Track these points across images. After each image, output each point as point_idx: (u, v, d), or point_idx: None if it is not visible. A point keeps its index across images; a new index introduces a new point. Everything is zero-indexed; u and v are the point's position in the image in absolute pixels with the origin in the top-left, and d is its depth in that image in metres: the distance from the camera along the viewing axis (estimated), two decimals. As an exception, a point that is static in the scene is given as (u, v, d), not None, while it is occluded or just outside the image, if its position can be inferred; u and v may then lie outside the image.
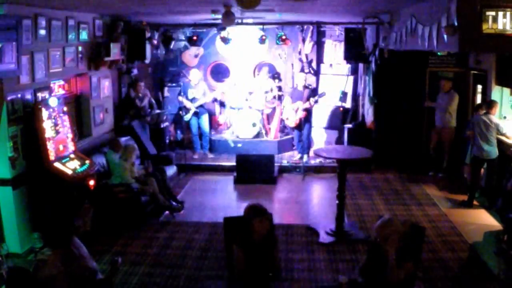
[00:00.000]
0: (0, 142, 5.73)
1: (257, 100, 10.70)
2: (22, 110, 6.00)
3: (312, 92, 10.00)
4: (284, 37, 10.50)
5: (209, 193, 8.82)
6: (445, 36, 5.08)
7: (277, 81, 11.16)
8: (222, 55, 11.51)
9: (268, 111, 10.89)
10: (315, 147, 9.85)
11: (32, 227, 6.14)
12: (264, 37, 10.35)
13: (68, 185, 6.16)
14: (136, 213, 7.09)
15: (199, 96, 10.23)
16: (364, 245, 6.06)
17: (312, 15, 9.14)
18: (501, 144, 7.53)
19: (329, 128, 10.70)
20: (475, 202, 7.79)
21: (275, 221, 5.18)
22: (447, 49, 6.37)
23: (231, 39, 10.26)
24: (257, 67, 11.62)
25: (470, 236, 6.51)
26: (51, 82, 6.87)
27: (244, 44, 11.11)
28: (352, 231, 6.76)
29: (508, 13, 4.62)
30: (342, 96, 10.80)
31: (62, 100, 6.67)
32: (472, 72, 9.08)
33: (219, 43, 11.01)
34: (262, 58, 11.51)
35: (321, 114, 10.69)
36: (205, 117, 10.42)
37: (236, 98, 10.83)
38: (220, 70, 11.85)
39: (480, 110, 7.72)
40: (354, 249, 6.29)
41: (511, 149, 7.34)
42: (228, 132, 10.89)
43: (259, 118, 10.61)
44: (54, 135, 6.25)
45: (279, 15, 8.87)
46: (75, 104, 7.94)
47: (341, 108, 10.70)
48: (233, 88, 11.02)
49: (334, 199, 6.82)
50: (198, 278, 5.65)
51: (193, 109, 10.19)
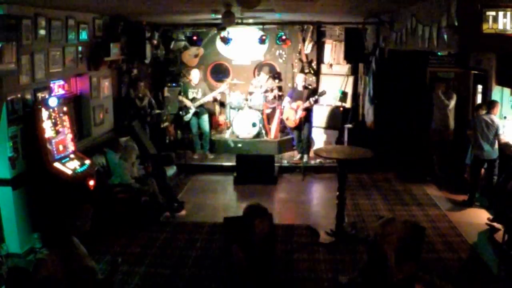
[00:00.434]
0: (0, 142, 5.72)
1: (257, 100, 10.71)
2: (22, 110, 5.98)
3: (312, 92, 10.00)
4: (284, 37, 10.51)
5: (209, 193, 8.80)
6: (445, 36, 5.09)
7: (277, 81, 11.17)
8: (222, 55, 11.52)
9: (268, 111, 10.89)
10: (315, 147, 9.85)
11: (32, 227, 6.13)
12: (264, 37, 10.36)
13: (68, 185, 6.15)
14: (136, 213, 7.09)
15: (199, 96, 10.24)
16: (364, 245, 6.05)
17: (312, 15, 9.14)
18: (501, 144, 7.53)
19: (329, 128, 10.69)
20: (475, 202, 7.79)
21: (275, 221, 5.18)
22: (447, 49, 6.37)
23: (231, 39, 10.26)
24: (257, 67, 11.63)
25: (470, 236, 6.53)
26: (51, 82, 6.86)
27: (244, 44, 11.10)
28: (352, 231, 6.76)
29: (508, 13, 4.63)
30: (342, 96, 10.80)
31: (62, 100, 6.66)
32: (472, 72, 9.07)
33: (219, 43, 11.01)
34: (262, 58, 11.51)
35: (321, 114, 10.68)
36: (205, 117, 10.41)
37: (236, 98, 10.84)
38: (220, 70, 11.86)
39: (481, 110, 7.71)
40: (354, 249, 6.28)
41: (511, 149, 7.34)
42: (228, 132, 10.90)
43: (259, 118, 10.61)
44: (54, 135, 6.23)
45: (279, 15, 8.86)
46: (75, 104, 7.92)
47: (341, 108, 10.69)
48: (233, 88, 11.03)
49: (334, 199, 6.82)
50: (198, 278, 5.64)
51: (193, 109, 10.20)
